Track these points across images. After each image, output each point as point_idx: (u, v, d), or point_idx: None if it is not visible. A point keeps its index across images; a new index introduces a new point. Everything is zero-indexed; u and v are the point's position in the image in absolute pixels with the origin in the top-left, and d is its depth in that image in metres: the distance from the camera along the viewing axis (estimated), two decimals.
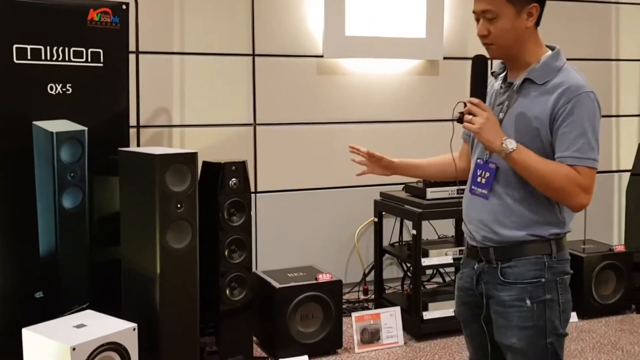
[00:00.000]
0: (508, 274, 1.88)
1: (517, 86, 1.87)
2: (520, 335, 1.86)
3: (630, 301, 4.02)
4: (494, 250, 1.89)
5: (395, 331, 3.49)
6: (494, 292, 1.90)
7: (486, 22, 1.83)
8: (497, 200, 1.88)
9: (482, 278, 1.94)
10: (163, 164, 2.83)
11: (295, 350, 3.27)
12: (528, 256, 1.86)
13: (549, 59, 1.87)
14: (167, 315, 2.90)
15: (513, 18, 1.81)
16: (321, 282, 3.34)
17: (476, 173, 1.93)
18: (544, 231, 1.87)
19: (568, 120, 1.79)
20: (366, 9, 4.14)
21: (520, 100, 1.86)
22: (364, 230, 4.27)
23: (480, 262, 1.93)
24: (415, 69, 4.36)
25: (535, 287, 1.86)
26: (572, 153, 1.79)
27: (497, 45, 1.85)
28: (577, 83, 1.81)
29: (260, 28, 3.99)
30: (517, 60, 1.89)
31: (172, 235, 2.88)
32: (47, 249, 3.13)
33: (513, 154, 1.78)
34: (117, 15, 3.27)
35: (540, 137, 1.82)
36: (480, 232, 1.91)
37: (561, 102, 1.79)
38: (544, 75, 1.85)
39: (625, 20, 4.85)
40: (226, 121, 3.99)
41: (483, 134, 1.78)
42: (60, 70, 3.09)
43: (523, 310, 1.85)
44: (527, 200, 1.85)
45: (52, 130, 3.09)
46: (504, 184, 1.88)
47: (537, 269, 1.86)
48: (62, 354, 2.55)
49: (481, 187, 1.91)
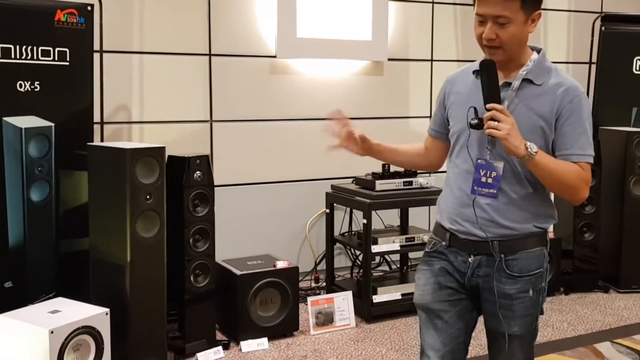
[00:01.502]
0: (512, 266, 1.91)
1: (516, 86, 1.89)
2: (522, 323, 1.94)
3: (560, 284, 4.38)
4: (499, 244, 1.91)
5: (348, 314, 3.74)
6: (496, 285, 1.92)
7: (495, 26, 1.83)
8: (505, 197, 1.91)
9: (479, 271, 1.95)
10: (133, 157, 2.99)
11: (255, 333, 3.46)
12: (533, 249, 1.93)
13: (541, 59, 1.93)
14: (137, 301, 3.06)
15: (522, 24, 1.85)
16: (279, 269, 3.55)
17: (478, 173, 1.92)
18: (544, 224, 1.95)
19: (571, 119, 1.87)
20: (316, 13, 4.34)
21: (521, 100, 1.89)
22: (315, 221, 4.50)
23: (476, 255, 1.95)
24: (361, 70, 4.62)
25: (537, 278, 1.94)
26: (576, 150, 1.87)
27: (504, 49, 1.86)
28: (574, 84, 1.90)
29: (216, 29, 4.16)
30: (513, 62, 1.91)
31: (142, 225, 3.04)
32: (15, 240, 3.24)
33: (536, 157, 1.81)
34: (83, 15, 3.40)
35: (544, 136, 1.88)
36: (488, 229, 1.92)
37: (565, 102, 1.86)
38: (540, 76, 1.90)
39: (553, 26, 5.21)
40: (184, 118, 4.14)
41: (511, 140, 1.78)
42: (28, 69, 3.21)
43: (526, 300, 1.93)
44: (531, 195, 1.91)
45: (21, 126, 3.20)
46: (509, 181, 1.91)
47: (539, 260, 1.94)
48: (40, 337, 2.68)
49: (488, 187, 1.91)
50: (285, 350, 3.43)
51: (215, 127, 4.23)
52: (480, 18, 1.87)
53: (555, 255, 4.29)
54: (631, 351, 3.49)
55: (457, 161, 2.01)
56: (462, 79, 2.04)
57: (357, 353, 3.39)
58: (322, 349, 3.45)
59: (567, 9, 5.27)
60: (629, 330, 3.76)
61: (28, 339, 2.74)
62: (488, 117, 1.81)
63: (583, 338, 3.65)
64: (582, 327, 3.79)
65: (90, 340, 2.83)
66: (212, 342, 3.38)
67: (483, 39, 1.87)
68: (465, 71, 2.05)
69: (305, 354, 3.39)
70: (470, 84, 1.98)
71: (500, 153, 1.89)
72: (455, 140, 2.02)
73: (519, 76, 1.90)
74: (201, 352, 3.29)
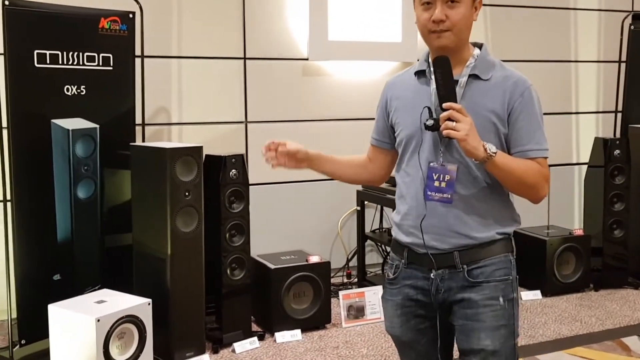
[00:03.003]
0: (477, 275, 1.79)
1: (463, 83, 1.79)
2: (494, 336, 1.77)
3: (589, 281, 4.42)
4: (459, 254, 1.78)
5: (378, 307, 3.85)
6: (460, 296, 1.79)
7: (445, 7, 1.73)
8: (461, 202, 1.78)
9: (443, 285, 1.81)
10: (173, 156, 3.16)
11: (289, 325, 3.61)
12: (497, 255, 1.80)
13: (484, 54, 1.83)
14: (177, 292, 3.23)
15: (470, 6, 1.77)
16: (312, 264, 3.69)
17: (431, 177, 1.78)
18: (507, 228, 1.83)
19: (524, 113, 1.77)
20: (347, 16, 4.48)
21: (470, 97, 1.78)
22: (346, 219, 4.63)
23: (437, 270, 1.80)
24: (392, 71, 4.72)
25: (506, 285, 1.80)
26: (533, 145, 1.77)
27: (453, 32, 1.75)
28: (521, 76, 1.80)
29: (250, 34, 4.32)
30: (457, 54, 1.79)
31: (181, 220, 3.22)
32: (63, 235, 3.43)
33: (496, 159, 1.69)
34: (125, 23, 3.58)
35: (497, 133, 1.77)
36: (446, 239, 1.79)
37: (515, 95, 1.76)
38: (487, 70, 1.80)
39: (583, 25, 5.29)
40: (220, 119, 4.31)
41: (470, 142, 1.66)
42: (75, 73, 3.40)
43: (496, 309, 1.77)
44: (488, 197, 1.80)
45: (68, 128, 3.40)
46: (464, 184, 1.78)
47: (506, 267, 1.81)
48: (88, 325, 2.86)
49: (441, 191, 1.77)
50: (318, 341, 3.56)
51: (250, 127, 4.39)
52: (425, 1, 1.76)
53: (585, 253, 4.35)
54: None
55: (409, 169, 1.85)
56: (403, 83, 1.92)
57: (387, 345, 3.50)
58: (354, 340, 3.57)
59: (597, 8, 5.30)
60: None
61: (76, 327, 2.92)
62: (445, 117, 1.67)
63: (611, 332, 3.70)
64: (611, 322, 3.84)
65: (133, 329, 3.00)
66: (248, 333, 3.53)
67: (432, 21, 1.74)
68: (405, 74, 1.94)
69: (337, 345, 3.51)
70: (413, 86, 1.87)
71: (454, 155, 1.77)
72: (404, 147, 1.87)
73: (464, 72, 1.79)
74: (237, 342, 3.45)
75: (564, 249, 4.30)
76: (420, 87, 1.85)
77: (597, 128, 5.35)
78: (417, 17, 1.81)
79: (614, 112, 5.01)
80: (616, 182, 4.40)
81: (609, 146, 4.40)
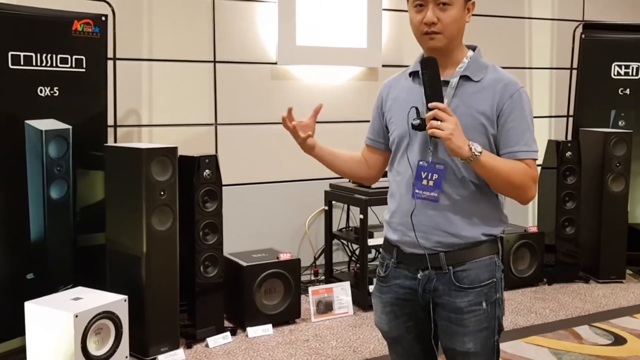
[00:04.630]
0: (462, 278, 1.82)
1: (454, 84, 1.82)
2: (476, 339, 1.82)
3: (543, 275, 4.65)
4: (445, 255, 1.82)
5: (346, 303, 4.00)
6: (446, 299, 1.83)
7: (437, 9, 1.77)
8: (448, 201, 1.81)
9: (429, 286, 1.85)
10: (149, 156, 3.24)
11: (260, 320, 3.71)
12: (482, 257, 1.83)
13: (476, 56, 1.87)
14: (152, 289, 3.31)
15: (462, 9, 1.80)
16: (282, 261, 3.81)
17: (420, 176, 1.81)
18: (494, 230, 1.85)
19: (513, 114, 1.79)
20: (315, 22, 4.60)
21: (460, 98, 1.81)
22: (314, 218, 4.76)
23: (424, 270, 1.84)
24: (357, 75, 4.89)
25: (489, 289, 1.83)
26: (522, 147, 1.79)
27: (445, 34, 1.79)
28: (512, 79, 1.83)
29: (220, 38, 4.42)
30: (450, 56, 1.84)
31: (156, 219, 3.30)
32: (37, 235, 3.47)
33: (481, 158, 1.71)
34: (98, 25, 3.65)
35: (486, 134, 1.80)
36: (433, 237, 1.82)
37: (505, 97, 1.79)
38: (478, 72, 1.83)
39: (537, 34, 5.55)
40: (190, 121, 4.39)
41: (454, 141, 1.68)
42: (48, 75, 3.44)
43: (479, 313, 1.82)
44: (476, 198, 1.82)
45: (42, 129, 3.44)
46: (452, 184, 1.81)
47: (490, 269, 1.84)
48: (66, 321, 2.92)
49: (429, 189, 1.80)
50: (289, 335, 3.69)
51: (219, 130, 4.48)
52: (419, 2, 1.80)
53: (539, 249, 4.57)
54: (607, 333, 3.77)
55: (400, 168, 1.90)
56: (399, 83, 1.96)
57: (355, 337, 3.65)
58: (323, 334, 3.71)
59: (550, 17, 5.57)
60: (606, 315, 4.04)
61: (54, 323, 2.97)
62: (430, 117, 1.70)
63: (563, 322, 3.93)
64: (563, 313, 4.07)
65: (110, 325, 3.07)
66: (221, 329, 3.63)
67: (423, 23, 1.79)
68: (401, 75, 1.98)
69: (307, 338, 3.64)
70: (407, 87, 1.91)
71: (442, 155, 1.81)
72: (396, 146, 1.92)
73: (456, 73, 1.83)
74: (211, 337, 3.54)
75: (520, 245, 4.51)
76: (413, 88, 1.88)
77: (550, 131, 5.60)
78: (410, 19, 1.85)
79: (565, 116, 5.27)
80: (568, 182, 4.65)
81: (561, 148, 4.64)
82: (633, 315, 4.03)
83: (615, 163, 4.64)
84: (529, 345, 3.57)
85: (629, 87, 5.05)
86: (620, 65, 5.05)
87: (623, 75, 5.05)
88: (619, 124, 5.07)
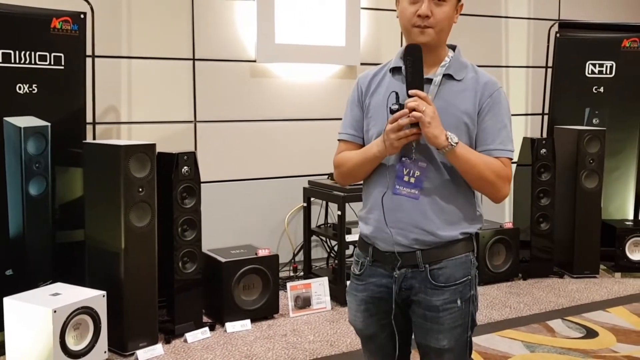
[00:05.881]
0: (438, 276, 1.83)
1: (438, 82, 1.84)
2: (451, 336, 1.85)
3: (518, 271, 4.73)
4: (421, 254, 1.82)
5: (324, 298, 4.05)
6: (421, 297, 1.85)
7: (432, 4, 1.79)
8: (428, 199, 1.81)
9: (405, 284, 1.86)
10: (127, 153, 3.27)
11: (239, 316, 3.75)
12: (458, 255, 1.85)
13: (457, 55, 1.89)
14: (131, 285, 3.34)
15: (454, 7, 1.83)
16: (261, 257, 3.85)
17: (401, 172, 1.82)
18: (470, 228, 1.87)
19: (491, 113, 1.82)
20: (293, 20, 4.64)
21: (443, 95, 1.83)
22: (293, 215, 4.80)
23: (400, 269, 1.85)
24: (336, 73, 4.93)
25: (464, 286, 1.85)
26: (498, 145, 1.82)
27: (435, 30, 1.81)
28: (491, 79, 1.88)
29: (199, 35, 4.45)
30: (434, 53, 1.85)
31: (135, 215, 3.33)
32: (15, 232, 3.48)
33: (456, 148, 1.74)
34: (77, 23, 3.66)
35: (468, 132, 1.82)
36: (410, 234, 1.82)
37: (485, 96, 1.83)
38: (460, 71, 1.86)
39: (513, 33, 5.64)
40: (169, 118, 4.41)
41: (432, 129, 1.71)
42: (27, 72, 3.46)
43: (454, 311, 1.84)
44: (454, 197, 1.83)
45: (20, 126, 3.45)
46: (433, 182, 1.81)
47: (465, 267, 1.86)
48: (45, 317, 2.95)
49: (410, 187, 1.81)
50: (267, 330, 3.73)
51: (199, 127, 4.51)
52: None
53: (514, 244, 4.65)
54: (579, 326, 3.85)
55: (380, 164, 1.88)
56: (379, 80, 1.94)
57: (332, 332, 3.70)
58: (301, 328, 3.76)
59: (527, 16, 5.65)
60: (579, 309, 4.13)
61: (33, 318, 3.00)
62: (410, 104, 1.72)
63: (537, 316, 4.01)
64: (537, 307, 4.15)
65: (89, 320, 3.11)
66: (199, 324, 3.66)
67: (417, 15, 1.80)
68: (379, 71, 1.96)
69: (285, 333, 3.69)
70: (387, 82, 1.90)
71: (425, 152, 1.81)
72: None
73: (439, 71, 1.85)
74: (189, 332, 3.57)
75: (495, 241, 4.58)
76: (395, 84, 1.87)
77: (526, 129, 5.69)
78: (400, 11, 1.85)
79: (541, 114, 5.36)
80: (542, 179, 4.73)
81: (536, 146, 4.72)
82: (606, 310, 4.12)
83: (589, 160, 4.73)
84: (502, 338, 3.65)
85: (602, 85, 5.15)
86: (595, 64, 5.15)
87: (597, 74, 5.16)
88: (593, 121, 5.17)
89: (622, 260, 4.79)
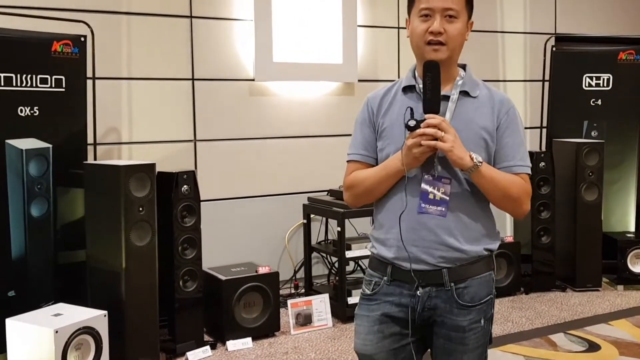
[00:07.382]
0: (463, 295, 1.81)
1: (455, 99, 1.84)
2: (474, 356, 1.84)
3: (520, 285, 4.72)
4: (448, 272, 1.80)
5: (325, 315, 4.05)
6: (447, 317, 1.82)
7: (444, 21, 1.80)
8: (452, 216, 1.80)
9: (430, 303, 1.82)
10: (127, 173, 3.30)
11: (240, 334, 3.76)
12: (483, 274, 1.84)
13: (469, 73, 1.90)
14: (132, 304, 3.35)
15: (465, 24, 1.85)
16: (261, 274, 3.86)
17: (426, 190, 1.80)
18: (492, 244, 1.87)
19: (509, 129, 1.84)
20: (291, 39, 4.70)
21: (461, 112, 1.83)
22: (293, 232, 4.82)
23: (424, 287, 1.82)
24: (333, 90, 4.98)
25: (487, 306, 1.85)
26: (518, 161, 1.83)
27: (448, 46, 1.81)
28: (505, 96, 1.90)
29: (198, 56, 4.50)
30: (447, 71, 1.84)
31: (135, 235, 3.35)
32: (18, 253, 3.51)
33: (482, 168, 1.75)
34: (77, 46, 3.72)
35: (487, 149, 1.82)
36: (436, 252, 1.80)
37: (502, 113, 1.84)
38: (474, 88, 1.87)
39: (510, 47, 5.67)
40: (169, 138, 4.45)
41: (455, 152, 1.72)
42: (28, 95, 3.51)
43: (478, 331, 1.83)
44: (477, 213, 1.83)
45: (22, 148, 3.49)
46: (456, 199, 1.81)
47: (489, 286, 1.86)
48: (46, 337, 2.96)
49: (436, 204, 1.79)
50: (268, 348, 3.73)
51: (199, 146, 4.54)
52: (426, 12, 1.81)
53: (516, 259, 4.65)
54: (582, 340, 3.84)
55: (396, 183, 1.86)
56: (390, 99, 1.91)
57: (334, 349, 3.70)
58: (302, 346, 3.76)
59: (523, 31, 5.70)
60: (581, 322, 4.12)
61: (35, 339, 3.01)
62: (430, 130, 1.73)
63: (539, 330, 4.00)
64: (539, 321, 4.15)
65: (90, 340, 3.11)
66: (201, 343, 3.67)
67: (430, 32, 1.80)
68: (390, 91, 1.94)
69: (287, 351, 3.69)
70: (400, 102, 1.88)
71: (447, 169, 1.81)
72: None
73: (455, 88, 1.86)
74: (190, 351, 3.58)
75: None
76: (408, 102, 1.85)
77: None
78: (412, 29, 1.85)
79: (539, 127, 5.38)
80: (542, 192, 4.75)
81: (535, 159, 4.73)
82: (608, 323, 4.11)
83: (588, 173, 4.74)
84: (504, 353, 3.64)
85: (600, 97, 5.18)
86: (592, 77, 5.18)
87: (594, 87, 5.18)
88: (591, 134, 5.19)
89: (624, 272, 4.78)
